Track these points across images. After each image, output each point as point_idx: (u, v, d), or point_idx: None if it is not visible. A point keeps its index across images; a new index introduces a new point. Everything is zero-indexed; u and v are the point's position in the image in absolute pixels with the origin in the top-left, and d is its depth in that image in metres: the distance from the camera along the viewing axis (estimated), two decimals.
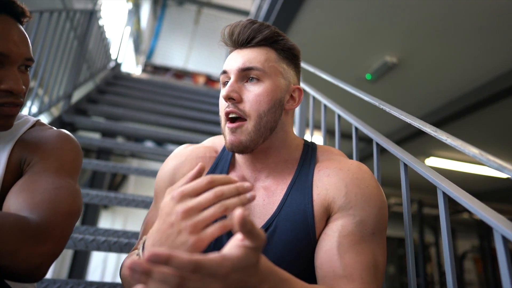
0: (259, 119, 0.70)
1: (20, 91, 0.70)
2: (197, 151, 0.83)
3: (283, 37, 0.76)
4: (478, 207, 0.63)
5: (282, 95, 0.74)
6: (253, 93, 0.71)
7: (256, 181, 0.77)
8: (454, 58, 2.98)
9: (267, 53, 0.73)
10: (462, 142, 0.66)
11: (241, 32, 0.73)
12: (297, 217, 0.70)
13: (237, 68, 0.72)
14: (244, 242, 0.41)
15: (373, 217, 0.68)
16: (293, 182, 0.74)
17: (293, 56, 0.78)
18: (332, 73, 1.55)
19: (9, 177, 0.71)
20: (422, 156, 5.08)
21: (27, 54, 0.72)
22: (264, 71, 0.71)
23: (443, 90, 3.46)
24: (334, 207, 0.69)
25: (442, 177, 0.75)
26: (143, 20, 7.05)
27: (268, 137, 0.73)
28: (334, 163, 0.75)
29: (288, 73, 0.76)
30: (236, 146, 0.71)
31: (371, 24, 2.78)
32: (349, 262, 0.63)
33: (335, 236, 0.66)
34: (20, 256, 0.57)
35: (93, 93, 3.31)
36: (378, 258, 0.66)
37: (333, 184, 0.71)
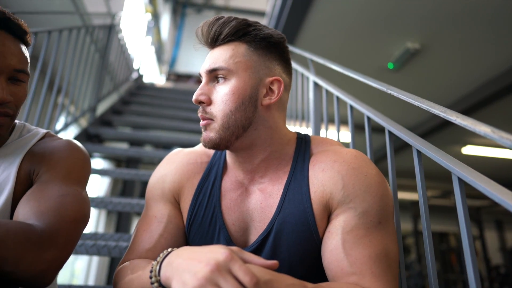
0: (226, 118, 0.67)
1: (4, 100, 0.71)
2: (188, 157, 0.81)
3: (255, 27, 0.71)
4: (496, 191, 0.56)
5: (253, 91, 0.69)
6: (220, 93, 0.69)
7: (251, 183, 0.74)
8: (481, 40, 2.79)
9: (234, 49, 0.70)
10: (472, 121, 0.60)
11: (207, 30, 0.71)
12: (297, 218, 0.67)
13: (205, 70, 0.71)
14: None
15: (376, 206, 0.64)
16: (289, 181, 0.71)
17: (271, 44, 0.72)
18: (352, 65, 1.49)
19: (20, 188, 0.73)
20: (458, 144, 4.84)
21: (17, 65, 0.73)
22: (229, 69, 0.68)
23: (471, 74, 3.25)
24: (333, 203, 0.66)
25: (458, 161, 0.69)
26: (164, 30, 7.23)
27: (243, 135, 0.69)
28: (328, 155, 0.71)
29: (262, 65, 0.71)
30: (207, 143, 0.69)
31: (388, 10, 2.66)
32: (357, 258, 0.60)
33: (338, 234, 0.63)
34: (25, 262, 0.58)
35: (117, 104, 3.42)
36: (389, 247, 0.63)
37: (329, 179, 0.67)
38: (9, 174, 0.73)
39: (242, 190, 0.74)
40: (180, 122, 3.27)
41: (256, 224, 0.71)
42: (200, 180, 0.77)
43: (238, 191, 0.74)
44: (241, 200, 0.73)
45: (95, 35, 2.81)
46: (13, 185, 0.72)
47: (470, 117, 0.61)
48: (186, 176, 0.78)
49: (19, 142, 0.79)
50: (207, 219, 0.73)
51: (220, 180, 0.76)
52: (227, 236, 0.72)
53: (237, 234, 0.72)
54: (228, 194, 0.74)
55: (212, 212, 0.73)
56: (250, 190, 0.74)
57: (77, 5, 2.75)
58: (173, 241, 0.73)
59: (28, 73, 0.77)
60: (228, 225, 0.73)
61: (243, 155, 0.72)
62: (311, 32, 3.01)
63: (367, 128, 1.09)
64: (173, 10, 8.05)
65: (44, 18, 2.69)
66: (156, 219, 0.75)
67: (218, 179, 0.76)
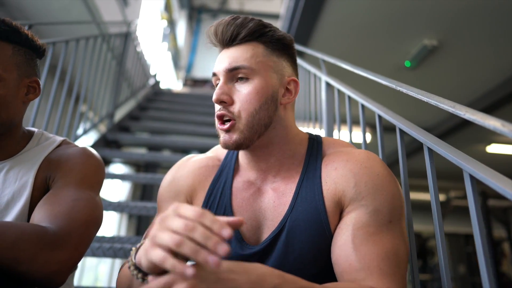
0: (251, 117, 0.68)
1: None
2: (200, 161, 0.82)
3: (270, 29, 0.72)
4: (508, 187, 0.54)
5: (274, 90, 0.71)
6: (243, 93, 0.69)
7: (264, 183, 0.74)
8: (501, 34, 2.68)
9: (254, 49, 0.70)
10: (482, 115, 0.57)
11: (224, 30, 0.71)
12: (310, 215, 0.67)
13: (224, 69, 0.70)
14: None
15: (388, 204, 0.64)
16: (301, 180, 0.71)
17: (284, 46, 0.74)
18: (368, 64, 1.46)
19: (37, 193, 0.77)
20: (483, 143, 4.67)
21: None
22: (252, 68, 0.69)
23: (493, 70, 3.13)
24: (345, 200, 0.66)
25: (470, 158, 0.66)
26: (180, 36, 7.35)
27: (264, 133, 0.71)
28: (341, 155, 0.71)
29: (280, 65, 0.73)
30: (230, 144, 0.69)
31: (403, 6, 2.60)
32: (366, 254, 0.60)
33: (349, 229, 0.63)
34: (38, 263, 0.61)
35: (135, 110, 3.49)
36: (398, 246, 0.62)
37: (341, 177, 0.68)
38: (27, 180, 0.77)
39: (254, 189, 0.74)
40: (197, 126, 3.30)
41: (269, 222, 0.71)
42: (212, 182, 0.78)
43: (250, 191, 0.74)
44: (253, 199, 0.73)
45: (112, 43, 2.89)
46: (30, 191, 0.76)
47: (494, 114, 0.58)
48: (198, 179, 0.79)
49: (37, 150, 0.83)
50: None
51: (231, 181, 0.77)
52: (238, 235, 0.72)
53: (249, 233, 0.72)
54: (240, 193, 0.75)
55: (223, 212, 0.74)
56: (262, 189, 0.74)
57: (93, 15, 2.83)
58: None
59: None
60: None
61: (259, 154, 0.73)
62: (324, 32, 2.98)
63: (379, 127, 1.07)
64: (189, 16, 8.18)
65: (63, 28, 2.79)
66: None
67: (229, 180, 0.77)
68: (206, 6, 8.45)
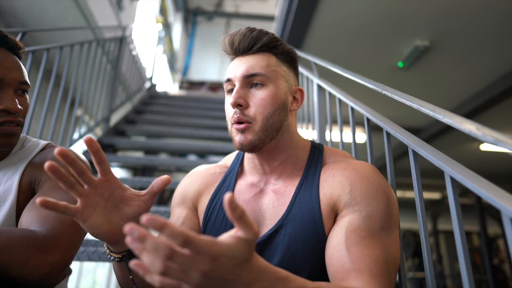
0: (265, 121, 0.73)
1: (16, 110, 0.78)
2: (208, 169, 0.89)
3: (281, 42, 0.79)
4: (485, 189, 0.56)
5: (285, 97, 0.77)
6: (258, 97, 0.74)
7: (266, 185, 0.79)
8: (492, 35, 2.72)
9: (268, 58, 0.76)
10: (460, 119, 0.60)
11: (242, 40, 0.76)
12: (306, 216, 0.71)
13: (241, 75, 0.75)
14: (237, 233, 0.42)
15: (381, 212, 0.67)
16: (300, 183, 0.76)
17: (292, 59, 0.81)
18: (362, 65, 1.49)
19: (23, 197, 0.77)
20: (477, 141, 4.71)
21: (20, 78, 0.80)
22: (267, 76, 0.74)
23: (483, 71, 3.17)
24: (340, 205, 0.70)
25: (451, 160, 0.69)
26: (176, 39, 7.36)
27: (275, 137, 0.76)
28: (340, 164, 0.76)
29: (289, 75, 0.79)
30: (246, 145, 0.73)
31: (396, 8, 2.64)
32: (357, 255, 0.62)
33: (342, 232, 0.66)
34: (29, 266, 0.62)
35: (130, 114, 3.50)
36: (389, 252, 0.64)
37: (338, 183, 0.72)
38: (12, 184, 0.77)
39: (256, 191, 0.79)
40: (194, 129, 3.32)
41: (268, 222, 0.75)
42: (217, 187, 0.84)
43: (252, 193, 0.79)
44: (254, 200, 0.78)
45: (107, 47, 2.90)
46: (15, 194, 0.76)
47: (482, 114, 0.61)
48: (205, 184, 0.86)
49: (21, 153, 0.84)
50: (218, 220, 0.79)
51: (234, 184, 0.82)
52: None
53: None
54: (242, 195, 0.79)
55: (223, 214, 0.79)
56: (264, 191, 0.79)
57: (88, 20, 2.84)
58: None
59: (29, 84, 0.83)
60: None
61: (265, 157, 0.78)
62: (318, 35, 3.01)
63: (367, 129, 1.09)
64: (184, 19, 8.20)
65: (58, 34, 2.80)
66: (173, 219, 0.84)
67: (232, 184, 0.82)
68: (201, 8, 8.47)
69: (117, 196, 0.57)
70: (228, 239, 0.41)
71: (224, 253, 0.40)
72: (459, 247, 0.63)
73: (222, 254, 0.40)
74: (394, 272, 0.64)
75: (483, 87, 3.39)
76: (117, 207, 0.57)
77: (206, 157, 5.10)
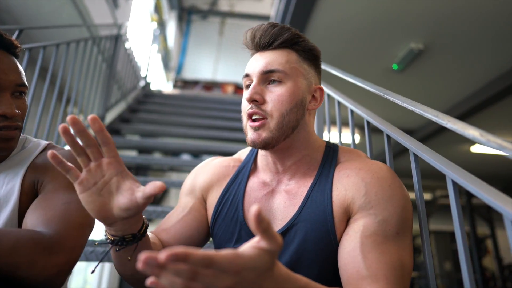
0: (281, 118, 0.71)
1: (14, 115, 0.75)
2: (222, 161, 0.88)
3: (303, 39, 0.77)
4: (487, 193, 0.58)
5: (304, 95, 0.75)
6: (275, 94, 0.72)
7: (278, 184, 0.78)
8: (486, 38, 2.77)
9: (288, 55, 0.75)
10: (463, 125, 0.62)
11: (263, 35, 0.75)
12: (317, 217, 0.69)
13: (259, 71, 0.74)
14: (260, 244, 0.40)
15: (396, 216, 0.65)
16: (314, 184, 0.74)
17: (314, 57, 0.79)
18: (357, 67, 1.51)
19: (25, 198, 0.76)
20: (467, 143, 4.79)
21: (18, 80, 0.77)
22: (286, 73, 0.73)
23: (477, 73, 3.23)
24: (354, 208, 0.68)
25: (452, 164, 0.70)
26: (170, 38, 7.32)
27: (290, 136, 0.74)
28: (354, 163, 0.74)
29: (310, 73, 0.77)
30: (258, 143, 0.72)
31: (391, 10, 2.67)
32: (373, 262, 0.61)
33: (357, 237, 0.64)
34: (37, 267, 0.62)
35: (125, 112, 3.48)
36: (404, 258, 0.63)
37: (353, 184, 0.69)
38: (13, 186, 0.76)
39: (268, 190, 0.78)
40: (188, 128, 3.31)
41: (278, 222, 0.74)
42: (229, 181, 0.83)
43: (263, 191, 0.78)
44: (266, 200, 0.77)
45: (102, 45, 2.88)
46: (18, 196, 0.75)
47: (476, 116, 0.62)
48: (217, 177, 0.84)
49: (22, 154, 0.82)
50: (229, 216, 0.78)
51: (246, 181, 0.81)
52: (249, 232, 0.75)
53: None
54: (253, 193, 0.78)
55: (235, 209, 0.78)
56: (276, 190, 0.77)
57: (84, 18, 2.82)
58: (187, 229, 0.80)
59: (27, 86, 0.80)
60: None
61: (278, 156, 0.76)
62: (313, 36, 3.03)
63: (367, 131, 1.11)
64: (179, 17, 8.15)
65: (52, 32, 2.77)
66: (180, 207, 0.83)
67: (244, 180, 0.81)
68: (196, 7, 8.44)
69: (114, 182, 0.55)
70: (250, 250, 0.40)
71: (247, 266, 0.39)
72: (460, 249, 0.65)
73: (245, 268, 0.39)
74: (408, 278, 0.63)
75: (475, 90, 3.45)
76: (112, 194, 0.55)
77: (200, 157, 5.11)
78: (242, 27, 8.14)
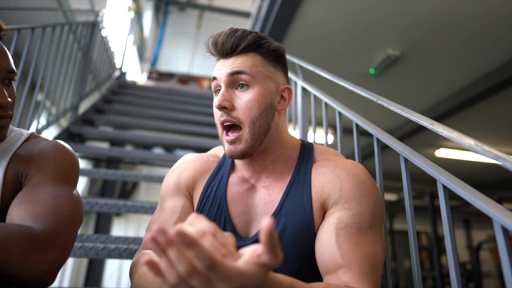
0: (252, 125, 0.73)
1: (6, 104, 0.71)
2: (201, 157, 0.89)
3: (266, 40, 0.77)
4: (477, 199, 0.62)
5: (272, 97, 0.76)
6: (243, 100, 0.73)
7: (257, 181, 0.80)
8: (458, 47, 2.94)
9: (253, 59, 0.75)
10: (458, 134, 0.66)
11: (225, 42, 0.74)
12: (297, 213, 0.73)
13: (225, 73, 0.74)
14: (262, 259, 0.38)
15: (369, 211, 0.69)
16: (292, 181, 0.77)
17: (279, 56, 0.79)
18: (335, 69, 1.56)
19: (8, 191, 0.72)
20: (432, 147, 5.03)
21: (8, 67, 0.73)
22: (253, 76, 0.73)
23: (449, 80, 3.42)
24: (329, 202, 0.72)
25: (442, 169, 0.75)
26: (146, 28, 7.12)
27: (264, 140, 0.76)
28: (330, 162, 0.77)
29: (276, 74, 0.78)
30: (236, 154, 0.74)
31: (372, 18, 2.76)
32: (348, 252, 0.64)
33: (332, 229, 0.68)
34: (28, 264, 0.59)
35: (99, 103, 3.36)
36: (377, 250, 0.67)
37: (329, 181, 0.73)
38: None
39: (248, 186, 0.80)
40: (165, 122, 3.25)
41: (259, 217, 0.76)
42: (210, 176, 0.83)
43: (244, 187, 0.80)
44: (247, 195, 0.79)
45: (79, 32, 2.76)
46: (0, 189, 0.71)
47: (445, 121, 0.67)
48: (199, 172, 0.85)
49: (4, 144, 0.78)
50: (213, 210, 0.79)
51: (228, 176, 0.82)
52: (232, 227, 0.77)
53: (240, 226, 0.77)
54: (235, 187, 0.80)
55: (218, 204, 0.79)
56: (255, 187, 0.80)
57: (60, 2, 2.68)
58: None
59: (16, 72, 0.76)
60: (233, 216, 0.78)
61: (255, 158, 0.78)
62: (296, 36, 3.07)
63: (356, 134, 1.15)
64: (156, 7, 7.94)
65: (25, 15, 2.62)
66: (170, 209, 0.81)
67: (226, 175, 0.82)
68: None
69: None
70: (252, 267, 0.39)
71: (245, 283, 0.38)
72: (449, 250, 0.69)
73: (243, 284, 0.38)
74: (380, 269, 0.66)
75: (447, 96, 3.65)
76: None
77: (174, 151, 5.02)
78: (220, 22, 8.06)
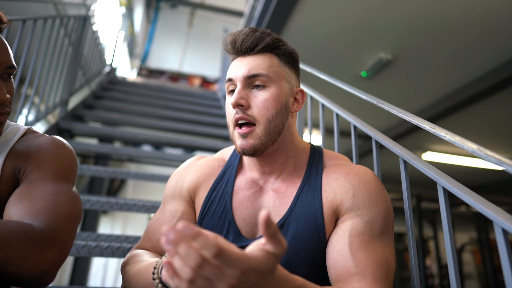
0: (268, 123, 0.73)
1: (5, 100, 0.70)
2: (206, 161, 0.87)
3: (283, 43, 0.78)
4: (478, 202, 0.64)
5: (287, 98, 0.77)
6: (260, 99, 0.73)
7: (265, 184, 0.80)
8: (448, 53, 3.01)
9: (270, 59, 0.76)
10: (460, 138, 0.67)
11: (244, 40, 0.75)
12: (308, 218, 0.72)
13: (242, 75, 0.74)
14: (266, 247, 0.41)
15: (381, 217, 0.70)
16: (302, 185, 0.77)
17: (293, 60, 0.81)
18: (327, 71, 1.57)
19: (5, 187, 0.71)
20: (419, 151, 5.12)
21: (7, 62, 0.71)
22: (269, 77, 0.74)
23: (438, 84, 3.50)
24: (342, 209, 0.72)
25: (442, 172, 0.76)
26: (137, 23, 7.03)
27: (277, 140, 0.76)
28: (341, 167, 0.78)
29: (291, 76, 0.79)
30: (248, 150, 0.73)
31: (365, 22, 2.80)
32: (361, 260, 0.64)
33: (346, 236, 0.68)
34: (28, 262, 0.57)
35: (89, 98, 3.30)
36: (388, 256, 0.67)
37: (341, 187, 0.73)
38: None
39: (256, 188, 0.79)
40: (155, 119, 3.22)
41: None
42: (215, 180, 0.82)
43: (252, 190, 0.79)
44: (254, 198, 0.78)
45: (70, 26, 2.71)
46: None
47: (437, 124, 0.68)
48: (203, 177, 0.84)
49: (0, 139, 0.76)
50: (217, 214, 0.78)
51: (234, 179, 0.81)
52: (237, 230, 0.76)
53: (247, 228, 0.76)
54: (242, 191, 0.79)
55: (223, 208, 0.78)
56: (264, 189, 0.79)
57: None
58: None
59: (16, 67, 0.74)
60: (239, 220, 0.77)
61: (265, 159, 0.78)
62: (290, 37, 3.08)
63: (353, 136, 1.16)
64: (147, 3, 7.85)
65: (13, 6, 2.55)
66: (170, 213, 0.81)
67: (232, 178, 0.81)
68: None
69: None
70: (257, 252, 0.41)
71: (253, 267, 0.40)
72: (449, 252, 0.71)
73: (251, 268, 0.40)
74: (392, 275, 0.67)
75: (436, 99, 3.73)
76: None
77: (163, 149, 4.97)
78: (212, 20, 8.02)
